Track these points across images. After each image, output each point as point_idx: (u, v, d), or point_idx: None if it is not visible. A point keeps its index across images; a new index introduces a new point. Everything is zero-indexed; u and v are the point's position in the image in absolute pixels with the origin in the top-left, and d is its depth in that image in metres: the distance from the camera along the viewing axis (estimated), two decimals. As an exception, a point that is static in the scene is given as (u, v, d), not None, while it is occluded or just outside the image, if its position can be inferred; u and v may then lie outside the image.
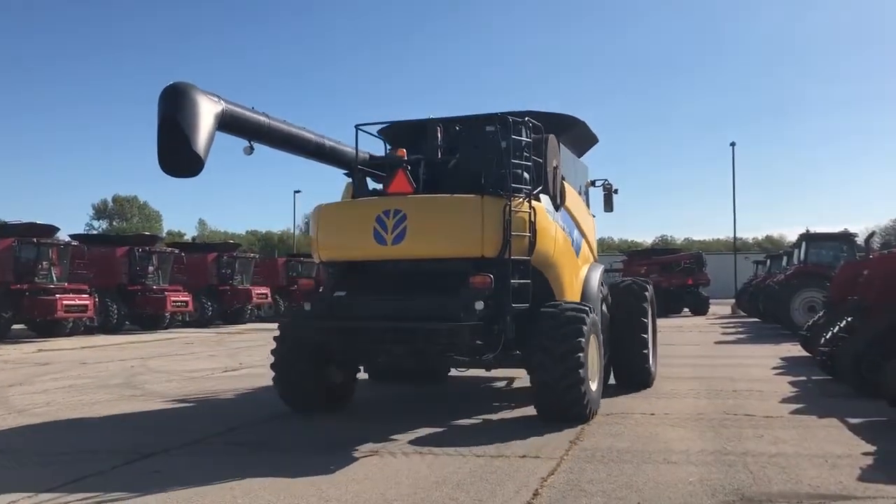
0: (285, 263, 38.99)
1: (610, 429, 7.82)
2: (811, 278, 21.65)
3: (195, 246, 38.64)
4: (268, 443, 7.43)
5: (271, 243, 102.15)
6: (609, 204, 11.76)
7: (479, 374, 11.04)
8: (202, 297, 31.82)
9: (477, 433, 7.84)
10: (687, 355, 15.76)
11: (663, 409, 8.98)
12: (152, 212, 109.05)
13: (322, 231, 8.61)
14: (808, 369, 12.67)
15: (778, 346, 18.36)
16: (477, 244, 7.89)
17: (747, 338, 21.64)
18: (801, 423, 7.97)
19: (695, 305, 38.75)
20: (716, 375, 12.25)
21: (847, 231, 23.03)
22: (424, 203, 8.24)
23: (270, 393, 10.54)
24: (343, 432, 7.81)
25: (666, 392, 10.39)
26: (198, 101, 7.03)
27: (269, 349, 9.02)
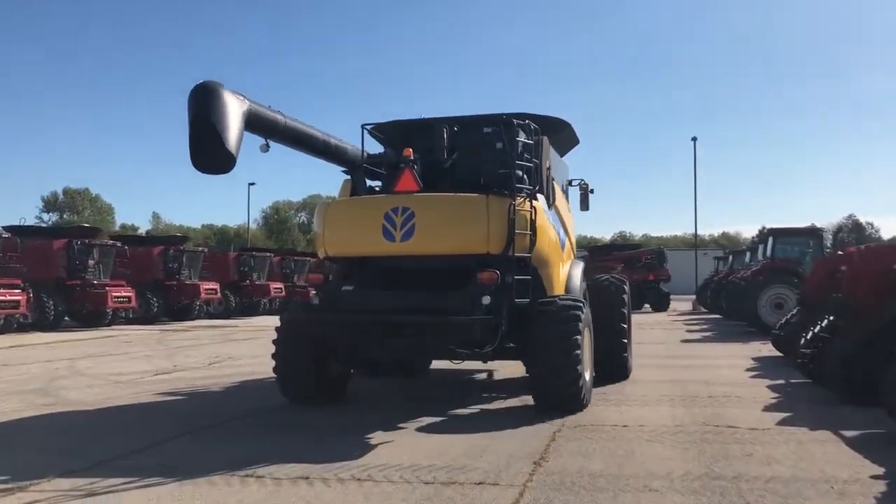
0: (236, 258, 37.52)
1: (579, 445, 6.87)
2: (779, 274, 20.99)
3: (140, 239, 37.05)
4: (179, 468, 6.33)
5: (227, 237, 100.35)
6: (585, 203, 11.82)
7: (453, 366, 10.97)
8: (147, 293, 30.35)
9: (424, 452, 6.82)
10: (654, 355, 14.93)
11: (637, 420, 8.07)
12: (104, 205, 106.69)
13: (329, 227, 8.73)
14: (785, 371, 11.89)
15: (746, 344, 17.65)
16: (483, 241, 8.17)
17: (713, 336, 20.94)
18: (793, 438, 7.09)
19: (656, 302, 38.29)
20: (688, 378, 11.39)
21: (815, 226, 22.49)
22: (432, 201, 8.44)
23: (197, 402, 9.53)
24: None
25: (637, 398, 9.50)
26: (228, 100, 7.22)
27: (210, 349, 8.44)
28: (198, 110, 7.10)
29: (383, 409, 9.08)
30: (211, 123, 7.03)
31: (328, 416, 8.52)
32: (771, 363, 13.38)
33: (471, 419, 8.33)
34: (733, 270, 31.95)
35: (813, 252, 21.74)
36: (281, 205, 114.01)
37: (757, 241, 26.44)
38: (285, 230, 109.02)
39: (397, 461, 6.33)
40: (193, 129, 7.12)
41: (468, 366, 11.61)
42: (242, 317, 35.33)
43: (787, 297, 20.36)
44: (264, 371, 13.02)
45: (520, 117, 8.98)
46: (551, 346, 8.17)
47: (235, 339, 21.35)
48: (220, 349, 17.81)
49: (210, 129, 7.04)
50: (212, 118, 7.04)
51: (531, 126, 9.06)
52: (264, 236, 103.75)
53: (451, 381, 11.90)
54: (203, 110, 7.07)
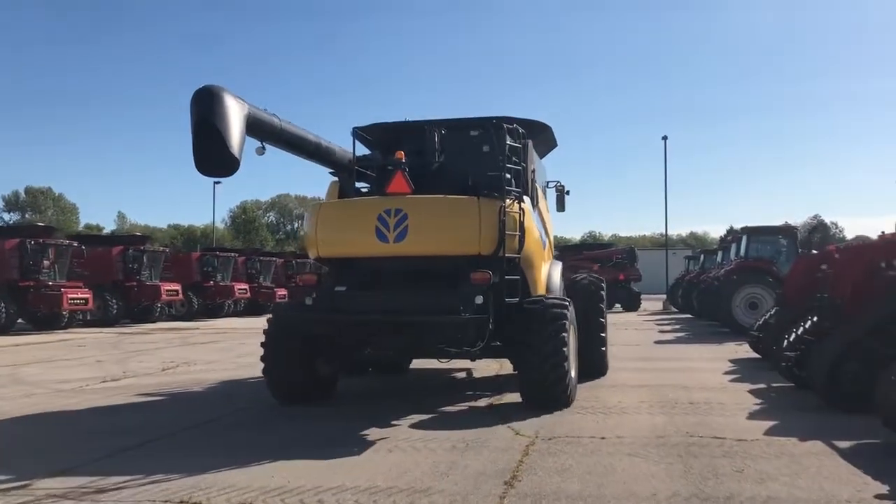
0: (200, 258, 36.50)
1: (555, 461, 6.26)
2: (753, 274, 20.59)
3: (99, 238, 35.81)
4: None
5: (194, 237, 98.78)
6: (561, 204, 11.76)
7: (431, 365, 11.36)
8: (106, 294, 29.34)
9: (384, 471, 6.17)
10: (628, 357, 14.41)
11: (615, 430, 7.49)
12: (68, 204, 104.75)
13: (322, 228, 8.79)
14: (765, 374, 11.41)
15: (721, 345, 17.22)
16: (474, 242, 8.32)
17: (687, 336, 20.49)
18: (784, 450, 6.54)
19: (627, 301, 37.93)
20: (665, 382, 10.86)
21: (789, 224, 22.12)
22: (425, 203, 8.59)
23: (136, 414, 8.78)
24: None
25: (614, 405, 8.93)
26: (231, 104, 7.24)
27: (166, 353, 8.02)
28: (202, 114, 7.10)
29: (347, 416, 8.42)
30: (215, 127, 7.05)
31: (284, 428, 7.86)
32: (749, 366, 12.91)
33: (438, 429, 7.68)
34: (705, 270, 31.67)
35: (787, 251, 21.37)
36: (248, 204, 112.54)
37: (729, 240, 26.03)
38: (253, 230, 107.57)
39: (353, 482, 5.70)
40: (197, 132, 7.13)
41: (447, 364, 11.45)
42: (206, 319, 34.38)
43: (762, 297, 20.00)
44: (218, 377, 12.40)
45: (503, 120, 9.15)
46: (539, 345, 8.34)
47: (194, 343, 20.52)
48: (177, 353, 17.02)
49: (214, 133, 7.06)
50: (216, 122, 7.06)
51: (518, 130, 9.28)
52: (231, 236, 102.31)
53: (427, 381, 11.54)
54: (207, 114, 7.07)
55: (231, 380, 12.13)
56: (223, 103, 7.19)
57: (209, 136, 7.07)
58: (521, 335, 8.47)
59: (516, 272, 8.81)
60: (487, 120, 9.35)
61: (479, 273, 8.12)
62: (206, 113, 7.10)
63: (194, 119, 7.16)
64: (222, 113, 7.14)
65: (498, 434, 7.35)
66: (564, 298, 9.44)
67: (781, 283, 19.70)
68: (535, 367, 8.39)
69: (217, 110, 7.12)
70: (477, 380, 12.00)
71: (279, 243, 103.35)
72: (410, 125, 9.87)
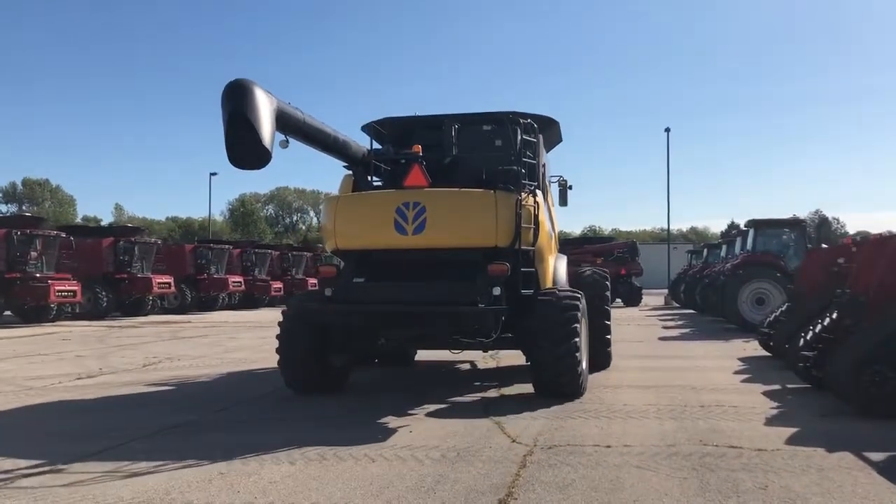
0: (193, 250, 35.82)
1: (555, 474, 5.60)
2: (760, 268, 19.89)
3: (89, 230, 35.12)
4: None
5: (192, 230, 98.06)
6: (564, 199, 11.74)
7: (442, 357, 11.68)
8: (96, 287, 28.72)
9: (363, 485, 5.50)
10: (633, 354, 13.75)
11: (622, 438, 6.82)
12: (65, 196, 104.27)
13: (340, 221, 8.95)
14: (778, 374, 10.76)
15: (728, 342, 16.55)
16: (491, 235, 8.51)
17: (692, 333, 19.80)
18: (810, 463, 5.88)
19: (628, 296, 37.30)
20: (673, 383, 10.20)
21: (797, 217, 21.38)
22: (443, 196, 8.75)
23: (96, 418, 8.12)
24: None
25: (619, 409, 8.27)
26: (262, 97, 7.31)
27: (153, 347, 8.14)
28: (235, 107, 7.18)
29: (329, 419, 7.77)
30: (248, 120, 7.15)
31: (261, 434, 7.21)
32: (761, 365, 12.24)
33: (428, 434, 7.02)
34: (708, 264, 31.02)
35: (795, 245, 20.68)
36: (247, 197, 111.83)
37: (734, 234, 25.33)
38: (251, 222, 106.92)
39: (328, 498, 5.04)
40: (230, 125, 7.21)
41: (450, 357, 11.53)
42: (199, 312, 33.76)
43: (769, 293, 19.35)
44: (200, 374, 11.76)
45: (518, 115, 9.37)
46: (552, 336, 8.49)
47: (183, 337, 19.89)
48: (163, 348, 16.40)
49: (247, 126, 7.16)
50: (249, 115, 7.15)
51: (533, 125, 9.46)
52: (230, 229, 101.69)
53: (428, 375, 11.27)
54: (240, 107, 7.16)
55: (213, 377, 11.51)
56: (255, 96, 7.28)
57: (242, 129, 7.19)
58: (535, 327, 8.60)
59: (531, 264, 8.97)
60: (504, 114, 9.49)
61: (497, 265, 8.26)
62: (239, 106, 7.18)
63: (227, 112, 7.24)
64: (254, 106, 7.24)
65: (493, 442, 6.69)
66: (577, 291, 9.50)
67: (790, 278, 19.10)
68: (548, 358, 8.54)
69: (250, 103, 7.21)
70: (478, 374, 11.49)
71: (278, 236, 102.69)
72: (424, 119, 10.07)
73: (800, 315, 11.37)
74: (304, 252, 46.87)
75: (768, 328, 12.81)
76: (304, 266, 44.65)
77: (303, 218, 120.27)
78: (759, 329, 13.21)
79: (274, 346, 9.42)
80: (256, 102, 7.27)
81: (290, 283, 42.01)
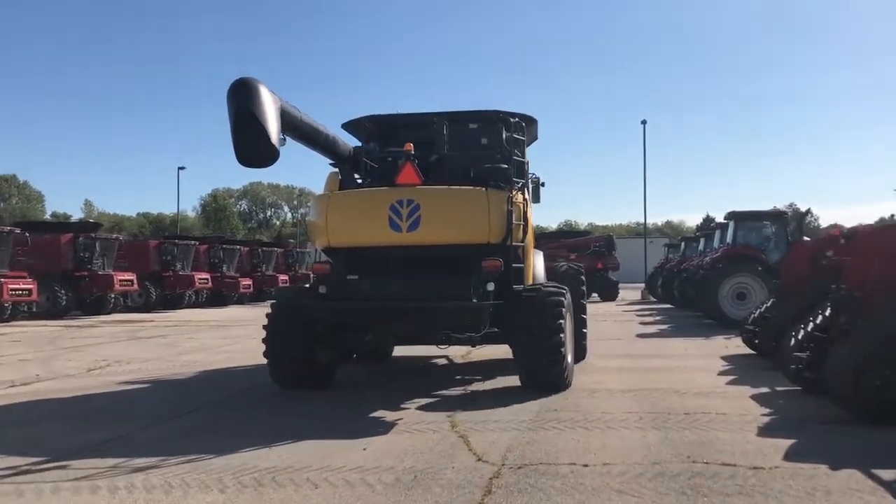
0: (158, 246, 34.71)
1: (525, 501, 4.84)
2: (741, 262, 19.23)
3: (47, 226, 33.80)
4: None
5: (163, 226, 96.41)
6: (536, 196, 11.43)
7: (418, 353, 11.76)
8: (54, 285, 27.59)
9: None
10: (610, 353, 13.05)
11: (600, 453, 6.06)
12: (34, 192, 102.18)
13: (333, 218, 8.96)
14: (765, 375, 10.09)
15: (709, 340, 15.91)
16: (484, 231, 8.65)
17: (670, 329, 19.13)
18: (815, 484, 5.15)
19: (604, 291, 36.72)
20: (655, 386, 9.48)
21: (778, 209, 20.75)
22: (436, 193, 8.86)
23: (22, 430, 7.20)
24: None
25: (598, 417, 7.52)
26: (267, 96, 7.37)
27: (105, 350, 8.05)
28: (242, 105, 7.22)
29: (277, 433, 6.94)
30: (256, 119, 7.19)
31: (177, 453, 6.37)
32: (745, 364, 11.57)
33: (384, 452, 6.23)
34: (686, 258, 30.46)
35: (776, 238, 20.07)
36: (220, 192, 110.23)
37: (713, 227, 24.71)
38: (224, 218, 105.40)
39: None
40: (238, 123, 7.24)
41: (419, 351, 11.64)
42: (165, 310, 32.69)
43: (751, 288, 18.75)
44: (147, 379, 10.94)
45: (503, 114, 9.62)
46: (539, 331, 8.65)
47: (141, 338, 18.93)
48: (115, 350, 15.45)
49: (255, 124, 7.20)
50: (256, 113, 7.19)
51: (521, 123, 9.73)
52: (202, 224, 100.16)
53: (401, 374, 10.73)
54: (247, 106, 7.19)
55: (157, 383, 10.64)
56: (261, 95, 7.31)
57: (249, 128, 7.20)
58: (522, 321, 8.74)
59: (521, 260, 9.23)
60: (493, 113, 9.72)
61: (491, 261, 8.43)
62: (247, 105, 7.20)
63: (235, 111, 7.26)
64: (261, 105, 7.26)
65: (456, 461, 5.91)
66: (561, 286, 9.59)
67: (772, 272, 18.50)
68: (535, 352, 8.72)
69: (257, 102, 7.24)
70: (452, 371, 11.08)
71: (251, 232, 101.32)
72: (410, 117, 10.15)
73: (786, 311, 10.72)
74: (274, 248, 45.85)
75: (753, 325, 12.15)
76: (275, 262, 43.64)
77: (277, 214, 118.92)
78: (744, 326, 12.53)
79: (234, 345, 8.84)
80: (263, 100, 7.29)
81: (259, 280, 41.01)
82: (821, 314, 8.77)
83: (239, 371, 11.71)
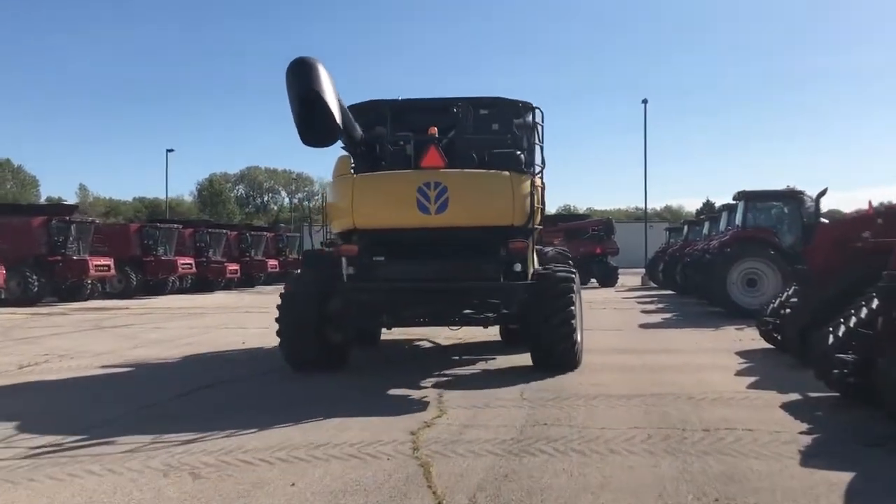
0: (139, 230, 33.25)
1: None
2: (752, 245, 17.65)
3: (19, 208, 32.22)
4: None
5: (159, 211, 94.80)
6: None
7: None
8: (25, 270, 26.16)
9: None
10: (610, 348, 11.62)
11: (600, 495, 4.63)
12: (28, 176, 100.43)
13: (359, 200, 8.93)
14: (791, 375, 8.72)
15: (718, 331, 14.47)
16: (508, 214, 8.81)
17: (675, 319, 17.64)
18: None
19: (603, 276, 35.27)
20: (664, 390, 8.05)
21: (793, 188, 19.18)
22: (463, 177, 8.97)
23: None
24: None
25: (596, 436, 6.07)
26: (326, 74, 7.67)
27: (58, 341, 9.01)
28: (307, 84, 7.25)
29: (184, 463, 5.52)
30: (321, 97, 7.26)
31: (54, 481, 4.95)
32: (765, 362, 10.13)
33: (315, 489, 4.81)
34: (689, 242, 28.96)
35: (790, 219, 18.55)
36: (216, 177, 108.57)
37: (721, 208, 23.17)
38: (220, 203, 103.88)
39: None
40: (303, 103, 7.29)
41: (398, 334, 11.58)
42: (146, 297, 31.27)
43: (763, 273, 17.24)
44: (80, 378, 9.53)
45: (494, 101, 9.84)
46: (552, 311, 8.88)
47: (106, 327, 17.53)
48: (67, 342, 14.05)
49: (320, 103, 7.29)
50: (321, 92, 7.26)
51: (540, 111, 9.79)
52: (198, 209, 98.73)
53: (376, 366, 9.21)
54: (312, 83, 7.26)
55: (88, 384, 9.28)
56: (323, 74, 7.37)
57: (313, 106, 7.25)
58: (535, 302, 8.91)
59: (540, 242, 9.64)
60: (500, 100, 9.90)
61: (518, 242, 8.77)
62: (311, 83, 7.24)
63: (299, 90, 7.25)
64: (324, 84, 7.29)
65: (410, 502, 4.48)
66: (571, 269, 9.78)
67: (786, 256, 17.07)
68: (548, 334, 8.95)
69: (320, 81, 7.28)
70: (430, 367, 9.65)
71: (248, 216, 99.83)
72: (424, 102, 10.24)
73: (814, 302, 9.29)
74: (263, 232, 44.36)
75: (772, 316, 10.71)
76: (264, 247, 42.17)
77: (274, 198, 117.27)
78: (761, 318, 11.07)
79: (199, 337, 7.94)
80: (325, 80, 7.29)
81: (248, 265, 39.59)
82: (864, 306, 7.34)
83: (184, 372, 10.27)
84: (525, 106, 9.90)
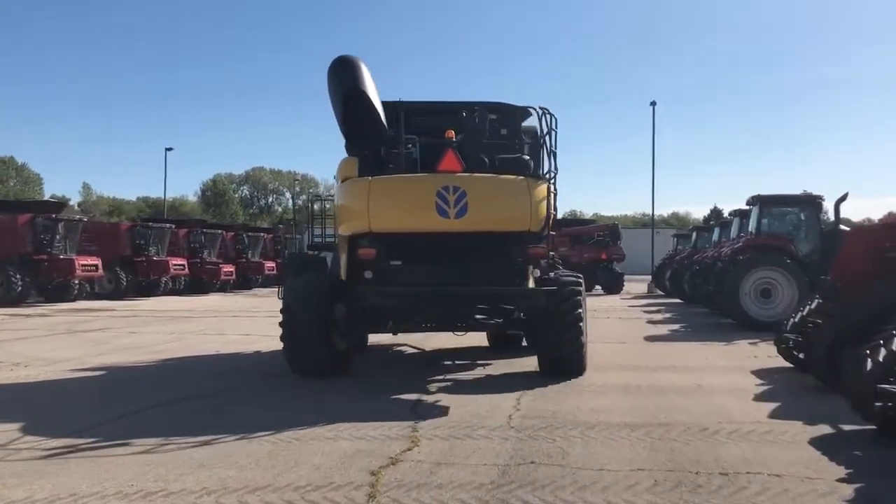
0: (130, 229, 32.35)
1: None
2: (766, 253, 16.53)
3: (5, 205, 31.39)
4: None
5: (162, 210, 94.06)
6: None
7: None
8: (9, 269, 25.32)
9: None
10: (614, 364, 10.59)
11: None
12: (32, 174, 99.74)
13: (376, 203, 8.66)
14: (818, 401, 7.71)
15: (730, 345, 13.40)
16: (526, 220, 8.75)
17: (684, 330, 16.56)
18: None
19: (608, 283, 34.36)
20: (672, 419, 7.01)
21: (810, 193, 18.09)
22: (481, 181, 8.85)
23: None
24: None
25: (591, 480, 5.03)
26: (367, 73, 7.90)
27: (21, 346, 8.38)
28: (352, 85, 7.39)
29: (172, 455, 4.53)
30: (366, 96, 7.47)
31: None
32: (787, 384, 9.10)
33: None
34: (698, 249, 27.91)
35: (807, 226, 17.46)
36: (220, 177, 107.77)
37: (733, 213, 22.07)
38: (223, 203, 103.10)
39: None
40: (348, 104, 7.42)
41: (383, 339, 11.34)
42: (137, 298, 30.37)
43: (778, 283, 16.14)
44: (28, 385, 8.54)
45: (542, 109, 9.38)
46: (560, 319, 8.93)
47: (78, 331, 16.62)
48: (32, 347, 13.16)
49: (366, 103, 7.51)
50: (367, 91, 7.48)
51: (555, 117, 9.41)
52: (202, 210, 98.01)
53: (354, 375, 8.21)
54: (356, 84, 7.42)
55: (28, 399, 8.27)
56: (367, 74, 7.38)
57: (359, 106, 7.23)
58: (543, 309, 8.82)
59: (554, 248, 9.79)
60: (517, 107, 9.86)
61: (538, 247, 8.88)
62: (356, 81, 7.22)
63: (345, 90, 7.23)
64: (369, 84, 7.27)
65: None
66: (578, 275, 9.87)
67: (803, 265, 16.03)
68: (556, 339, 9.03)
69: (364, 79, 7.28)
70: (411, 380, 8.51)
71: (252, 218, 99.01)
72: (438, 105, 10.08)
73: (845, 319, 8.24)
74: (261, 233, 43.44)
75: (793, 332, 9.66)
76: (262, 248, 41.27)
77: (278, 200, 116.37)
78: (782, 334, 10.01)
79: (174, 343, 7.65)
80: (369, 80, 7.26)
81: (244, 267, 38.73)
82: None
83: (125, 391, 9.24)
84: (534, 111, 9.58)
